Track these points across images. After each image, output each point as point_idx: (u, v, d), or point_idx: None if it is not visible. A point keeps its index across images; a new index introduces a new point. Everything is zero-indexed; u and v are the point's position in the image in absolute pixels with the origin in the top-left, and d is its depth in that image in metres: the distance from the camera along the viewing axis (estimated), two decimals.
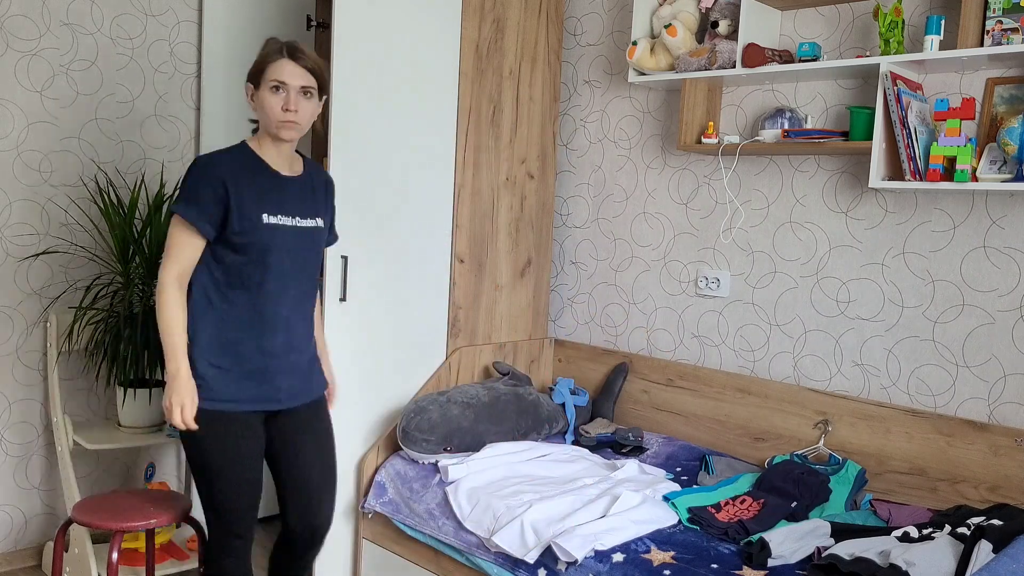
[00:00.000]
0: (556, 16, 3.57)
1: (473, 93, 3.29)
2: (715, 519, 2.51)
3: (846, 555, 2.20)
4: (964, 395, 2.69)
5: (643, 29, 3.18)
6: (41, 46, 3.26)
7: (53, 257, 3.36)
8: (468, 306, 3.38)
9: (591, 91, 3.64)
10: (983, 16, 2.45)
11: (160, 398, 3.28)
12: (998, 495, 2.56)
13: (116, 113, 3.47)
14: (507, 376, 3.28)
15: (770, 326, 3.12)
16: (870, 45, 2.86)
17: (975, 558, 2.09)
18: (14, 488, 3.35)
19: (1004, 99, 2.57)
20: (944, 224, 2.72)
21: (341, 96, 2.91)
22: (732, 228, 3.21)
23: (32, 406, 3.36)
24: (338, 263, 2.95)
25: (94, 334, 3.23)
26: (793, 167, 3.05)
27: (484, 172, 3.37)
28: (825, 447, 2.89)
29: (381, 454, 3.09)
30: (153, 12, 3.52)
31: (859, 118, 2.73)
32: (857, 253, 2.91)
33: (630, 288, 3.52)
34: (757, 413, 3.08)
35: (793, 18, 3.04)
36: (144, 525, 2.56)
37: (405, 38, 3.07)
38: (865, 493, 2.76)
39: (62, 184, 3.36)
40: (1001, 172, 2.48)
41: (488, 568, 2.57)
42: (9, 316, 3.28)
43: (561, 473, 2.89)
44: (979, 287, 2.66)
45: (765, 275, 3.13)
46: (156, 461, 3.65)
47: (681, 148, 3.10)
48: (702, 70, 2.98)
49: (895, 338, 2.83)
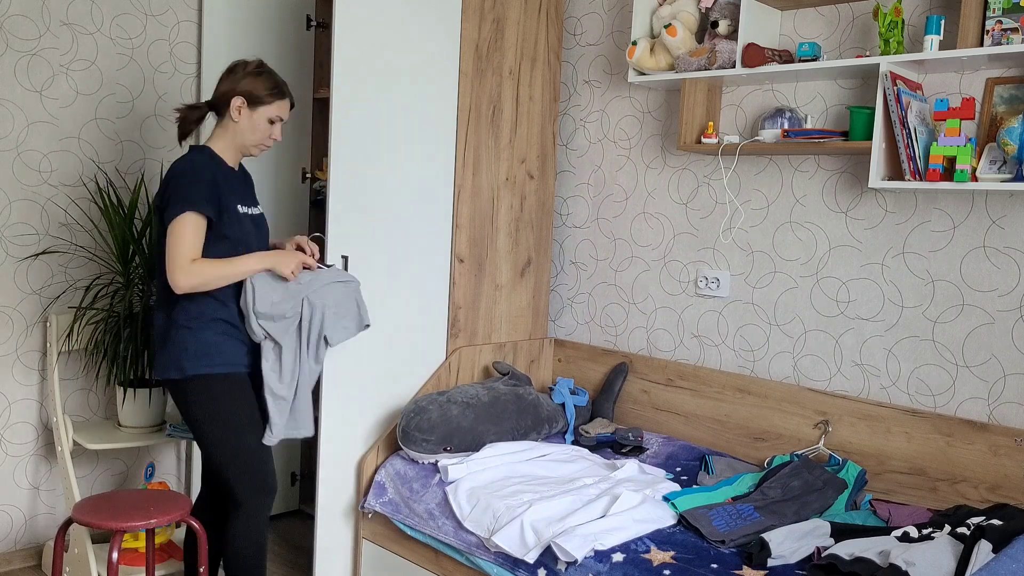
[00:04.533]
0: (556, 16, 3.57)
1: (473, 93, 3.29)
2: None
3: (846, 555, 2.20)
4: (964, 395, 2.69)
5: (643, 29, 3.18)
6: (41, 46, 3.26)
7: (53, 257, 3.36)
8: (468, 306, 3.38)
9: (591, 91, 3.64)
10: (983, 16, 2.45)
11: (159, 398, 3.28)
12: (998, 495, 2.56)
13: (116, 113, 3.47)
14: (507, 376, 3.28)
15: (770, 326, 3.12)
16: (870, 45, 2.86)
17: (975, 558, 2.10)
18: (14, 488, 3.35)
19: (1004, 99, 2.57)
20: (944, 224, 2.73)
21: (341, 96, 2.91)
22: (732, 228, 3.21)
23: (32, 406, 3.37)
24: (338, 263, 2.95)
25: (94, 334, 3.24)
26: (793, 167, 3.06)
27: (484, 172, 3.37)
28: (825, 447, 2.89)
29: (381, 454, 3.09)
30: (153, 12, 3.52)
31: (859, 118, 2.73)
32: (857, 253, 2.91)
33: (630, 288, 3.52)
34: (757, 413, 3.08)
35: (793, 18, 3.04)
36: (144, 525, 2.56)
37: (405, 38, 3.08)
38: (865, 493, 2.76)
39: (62, 184, 3.36)
40: (1001, 172, 2.48)
41: (488, 568, 2.57)
42: (9, 316, 3.28)
43: (561, 473, 2.89)
44: (979, 287, 2.66)
45: (765, 275, 3.13)
46: (156, 461, 3.65)
47: (681, 148, 3.10)
48: (702, 70, 2.98)
49: (895, 338, 2.83)
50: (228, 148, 2.64)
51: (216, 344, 2.56)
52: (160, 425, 3.32)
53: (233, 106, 2.57)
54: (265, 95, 2.59)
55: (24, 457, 3.36)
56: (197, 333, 2.54)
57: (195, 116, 2.66)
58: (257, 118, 2.60)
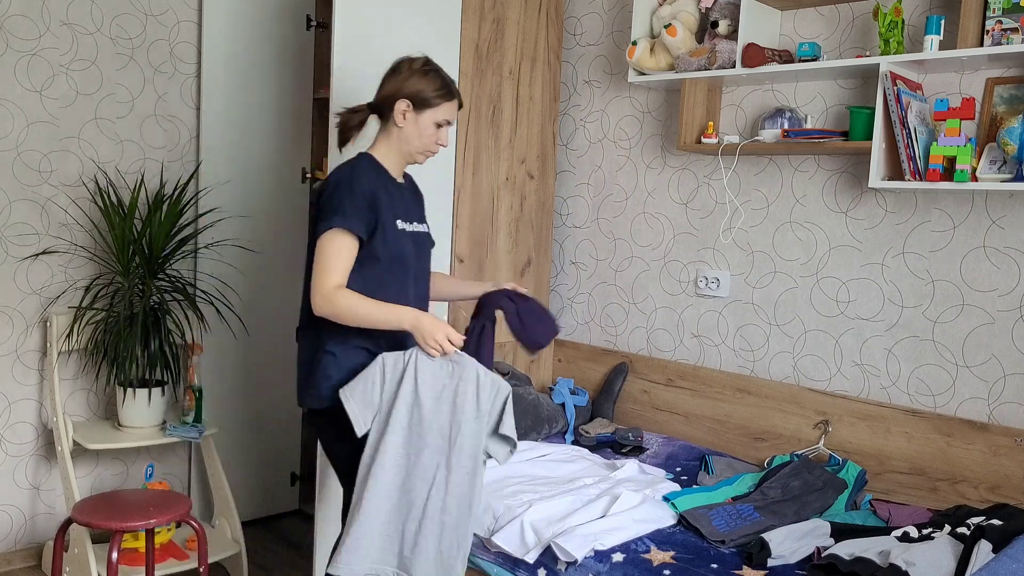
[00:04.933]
0: (556, 16, 3.57)
1: (473, 93, 3.29)
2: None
3: (846, 555, 2.20)
4: (964, 395, 2.69)
5: (643, 29, 3.18)
6: (41, 46, 3.26)
7: (53, 257, 3.36)
8: (469, 306, 3.38)
9: (591, 91, 3.64)
10: (983, 16, 2.45)
11: (159, 398, 3.28)
12: (998, 495, 2.56)
13: (116, 113, 3.47)
14: (507, 376, 3.28)
15: (770, 326, 3.12)
16: (870, 45, 2.86)
17: (975, 558, 2.10)
18: (14, 488, 3.35)
19: (1004, 99, 2.57)
20: (944, 224, 2.73)
21: (341, 96, 2.91)
22: (732, 228, 3.21)
23: (32, 406, 3.36)
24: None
25: (94, 334, 3.23)
26: (793, 167, 3.06)
27: (484, 172, 3.37)
28: (825, 447, 2.89)
29: None
30: (153, 12, 3.52)
31: (859, 118, 2.73)
32: (857, 253, 2.91)
33: (630, 288, 3.52)
34: (757, 413, 3.08)
35: (793, 18, 3.04)
36: (144, 525, 2.56)
37: (405, 38, 3.07)
38: (865, 493, 2.76)
39: (62, 184, 3.36)
40: (1001, 172, 2.48)
41: (488, 568, 2.57)
42: (9, 316, 3.28)
43: (561, 473, 2.89)
44: (979, 287, 2.66)
45: (765, 275, 3.13)
46: (156, 461, 3.65)
47: (681, 148, 3.10)
48: (702, 70, 2.98)
49: (895, 338, 2.83)
50: (391, 155, 2.39)
51: (364, 364, 2.28)
52: (160, 425, 3.32)
53: (397, 110, 2.32)
54: (433, 96, 2.33)
55: (24, 457, 3.36)
56: (341, 360, 2.29)
57: (356, 121, 2.41)
58: (423, 122, 2.33)
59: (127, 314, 3.18)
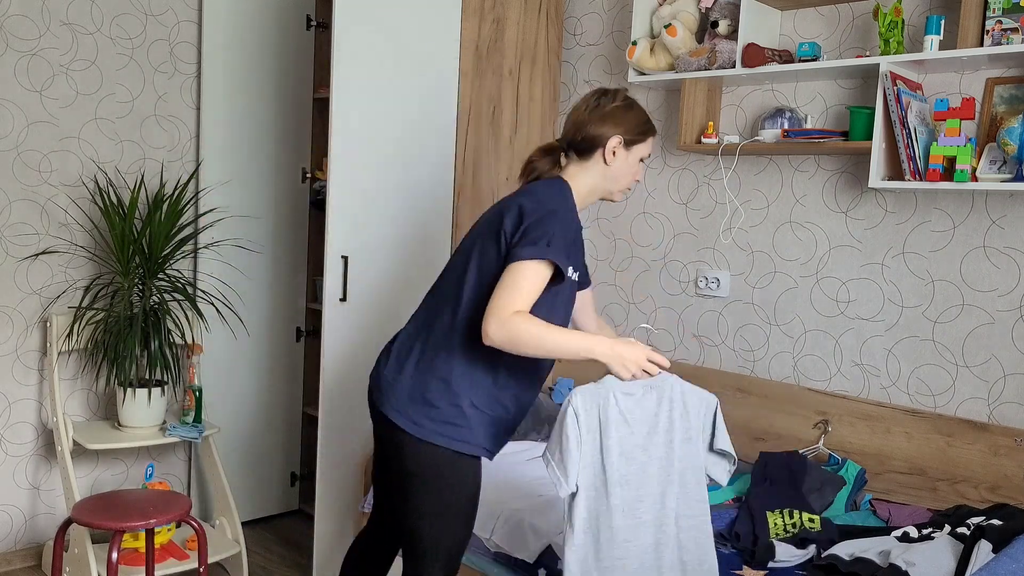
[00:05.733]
0: (556, 16, 3.57)
1: (473, 93, 3.30)
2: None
3: (846, 555, 2.21)
4: (964, 395, 2.69)
5: (643, 29, 3.18)
6: (41, 46, 3.26)
7: (53, 257, 3.36)
8: None
9: None
10: (983, 16, 2.45)
11: (159, 398, 3.28)
12: (998, 495, 2.56)
13: (116, 113, 3.47)
14: None
15: (770, 326, 3.12)
16: (870, 45, 2.86)
17: (975, 558, 2.10)
18: (14, 488, 3.35)
19: (1004, 99, 2.57)
20: (944, 224, 2.73)
21: (341, 96, 2.91)
22: (732, 228, 3.21)
23: (32, 406, 3.37)
24: (338, 263, 2.96)
25: (94, 334, 3.23)
26: (793, 167, 3.06)
27: (484, 172, 3.37)
28: (825, 447, 2.89)
29: None
30: (153, 12, 3.52)
31: (859, 118, 2.73)
32: (857, 253, 2.91)
33: (630, 288, 3.52)
34: (757, 413, 3.08)
35: (793, 18, 3.04)
36: (144, 525, 2.56)
37: (405, 38, 3.08)
38: (865, 493, 2.76)
39: (62, 184, 3.36)
40: (1001, 172, 2.48)
41: (488, 568, 2.57)
42: (9, 316, 3.28)
43: None
44: (979, 287, 2.66)
45: (765, 275, 3.13)
46: (156, 461, 3.65)
47: (681, 148, 3.10)
48: (702, 70, 2.98)
49: (895, 338, 2.83)
50: (589, 193, 2.21)
51: (468, 417, 2.09)
52: (160, 425, 3.32)
53: (609, 147, 2.15)
54: (639, 133, 2.19)
55: (24, 457, 3.36)
56: (458, 396, 2.10)
57: (549, 163, 2.23)
58: (632, 159, 2.19)
59: (127, 314, 3.18)
